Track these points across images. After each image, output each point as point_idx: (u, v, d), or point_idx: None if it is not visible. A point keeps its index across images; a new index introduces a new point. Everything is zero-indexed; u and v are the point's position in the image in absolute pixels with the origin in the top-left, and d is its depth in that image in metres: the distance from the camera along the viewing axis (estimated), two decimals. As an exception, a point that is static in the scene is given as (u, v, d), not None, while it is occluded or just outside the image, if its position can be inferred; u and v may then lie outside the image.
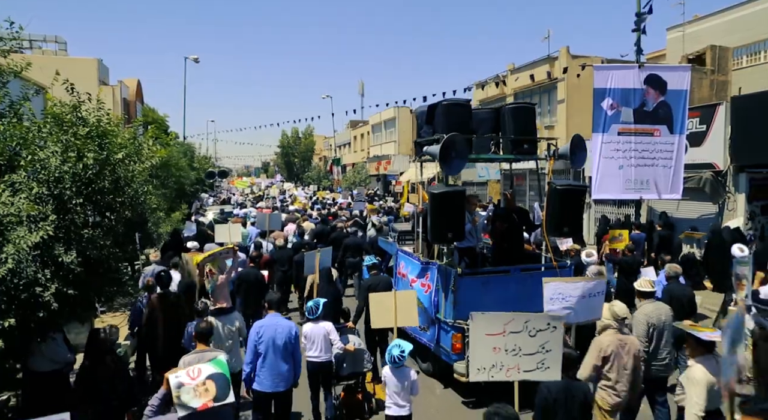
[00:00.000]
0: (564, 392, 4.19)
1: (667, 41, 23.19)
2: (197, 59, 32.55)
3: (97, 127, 6.10)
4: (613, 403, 5.03)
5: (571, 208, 7.37)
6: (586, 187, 8.37)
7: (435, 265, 7.31)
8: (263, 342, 5.57)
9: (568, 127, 20.00)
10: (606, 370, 5.00)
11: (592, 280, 6.01)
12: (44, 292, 4.77)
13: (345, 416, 6.48)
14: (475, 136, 7.73)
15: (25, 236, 4.59)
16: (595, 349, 5.06)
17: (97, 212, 6.10)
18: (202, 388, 3.68)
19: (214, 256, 7.57)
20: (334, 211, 20.70)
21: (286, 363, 5.63)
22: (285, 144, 61.22)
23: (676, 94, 12.54)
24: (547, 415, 4.15)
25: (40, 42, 29.38)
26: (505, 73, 24.05)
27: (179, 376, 3.71)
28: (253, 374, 5.60)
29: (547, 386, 4.26)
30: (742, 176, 13.32)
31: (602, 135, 12.86)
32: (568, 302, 5.77)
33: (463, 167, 7.19)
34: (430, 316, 7.22)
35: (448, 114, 7.48)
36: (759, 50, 19.46)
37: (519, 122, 7.86)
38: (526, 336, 4.41)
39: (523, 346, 4.41)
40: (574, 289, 5.78)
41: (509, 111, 7.92)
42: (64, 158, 5.51)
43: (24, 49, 23.56)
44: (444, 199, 6.63)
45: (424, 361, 7.85)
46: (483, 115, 8.29)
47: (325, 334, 6.09)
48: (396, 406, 5.12)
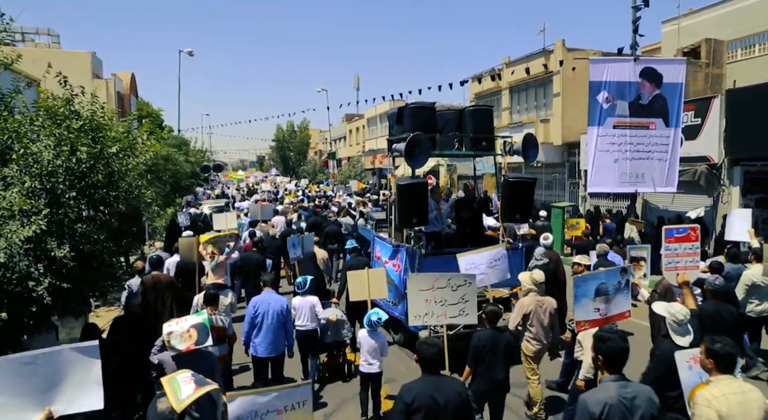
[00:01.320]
0: (491, 340, 5.27)
1: (663, 34, 23.18)
2: (191, 52, 32.34)
3: (90, 120, 6.04)
4: (534, 350, 6.14)
5: (521, 198, 8.54)
6: (534, 180, 9.54)
7: (404, 247, 8.24)
8: (259, 314, 6.33)
9: (564, 121, 20.00)
10: (528, 324, 6.10)
11: (494, 250, 7.22)
12: (37, 287, 4.74)
13: (328, 378, 7.55)
14: (439, 135, 8.73)
15: (18, 230, 4.55)
16: (518, 308, 6.21)
17: (90, 206, 6.04)
18: (187, 335, 4.54)
19: (217, 238, 8.70)
20: (324, 203, 21.93)
21: (279, 332, 6.39)
22: (280, 138, 61.03)
23: (671, 87, 12.55)
24: (479, 356, 5.25)
25: (33, 34, 29.08)
26: (501, 67, 24.00)
27: (170, 326, 4.61)
28: (250, 342, 6.38)
29: (479, 336, 5.34)
30: (736, 169, 13.37)
31: (598, 128, 12.87)
32: (479, 269, 6.90)
33: (426, 161, 8.35)
34: (400, 292, 7.92)
35: (414, 115, 8.53)
36: (753, 43, 19.47)
37: (478, 122, 8.89)
38: (449, 290, 5.54)
39: (448, 298, 5.55)
40: (481, 258, 7.02)
41: (469, 112, 8.99)
42: (57, 152, 5.46)
43: (16, 41, 23.34)
44: (408, 189, 7.62)
45: (396, 332, 8.78)
46: (448, 116, 9.18)
47: (311, 306, 7.06)
48: (368, 364, 6.07)
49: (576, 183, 19.88)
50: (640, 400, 3.38)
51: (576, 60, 18.48)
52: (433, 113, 8.83)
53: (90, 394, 3.49)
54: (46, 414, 3.33)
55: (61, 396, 3.42)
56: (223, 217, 13.21)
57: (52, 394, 3.39)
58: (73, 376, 3.45)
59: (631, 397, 3.38)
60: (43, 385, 3.35)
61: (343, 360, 7.73)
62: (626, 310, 5.51)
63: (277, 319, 6.33)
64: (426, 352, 3.85)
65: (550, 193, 21.88)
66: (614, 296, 5.31)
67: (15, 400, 3.27)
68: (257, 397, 3.64)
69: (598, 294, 5.22)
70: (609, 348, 3.49)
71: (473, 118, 8.90)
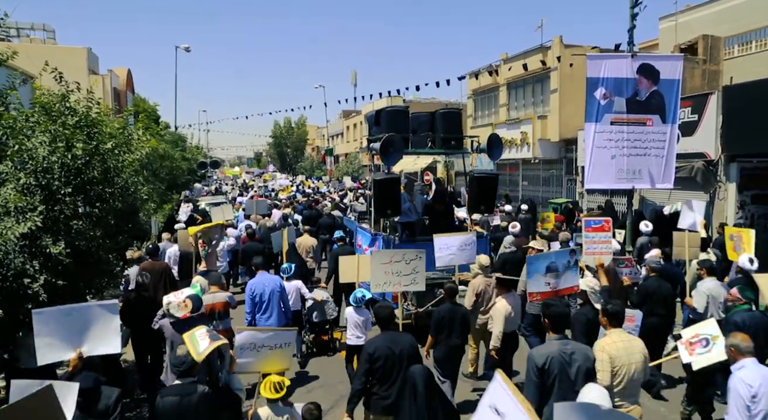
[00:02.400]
0: (449, 313, 6.35)
1: (660, 31, 23.18)
2: (188, 48, 32.22)
3: (86, 116, 6.01)
4: (481, 323, 7.21)
5: (486, 191, 9.76)
6: (497, 175, 10.91)
7: (381, 235, 9.49)
8: (257, 294, 7.27)
9: (561, 117, 20.00)
10: (479, 301, 7.23)
11: (465, 235, 8.32)
12: (33, 284, 4.73)
13: (315, 353, 8.62)
14: (414, 135, 9.95)
15: (13, 227, 4.54)
16: (471, 288, 7.31)
17: (86, 203, 6.02)
18: (183, 304, 5.33)
19: (206, 230, 9.62)
20: (316, 198, 23.29)
21: (275, 308, 7.31)
22: (277, 134, 60.89)
23: (668, 84, 12.52)
24: (439, 327, 6.29)
25: (28, 30, 28.94)
26: (499, 63, 23.97)
27: (169, 297, 5.43)
28: (253, 321, 7.22)
29: (439, 310, 6.49)
30: (733, 166, 13.40)
31: (595, 125, 12.83)
32: (450, 250, 8.07)
33: (399, 159, 9.39)
34: None
35: (389, 118, 9.65)
36: (750, 40, 19.49)
37: (448, 124, 10.00)
38: (403, 264, 6.68)
39: (402, 270, 6.66)
40: (453, 241, 8.14)
41: (440, 115, 10.12)
42: (52, 148, 5.44)
43: (11, 37, 23.23)
44: (383, 184, 8.80)
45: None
46: (422, 117, 10.47)
47: (296, 289, 8.06)
48: (356, 338, 6.76)
49: (573, 179, 19.90)
50: (577, 355, 4.22)
51: (573, 56, 18.48)
52: (406, 116, 9.96)
53: (110, 340, 4.44)
54: (77, 353, 4.27)
55: (88, 341, 4.35)
56: (220, 210, 13.59)
57: (82, 338, 4.32)
58: (97, 326, 4.38)
59: (570, 352, 4.21)
60: (76, 331, 4.28)
61: (330, 337, 8.72)
62: (574, 285, 6.41)
63: (275, 295, 7.31)
64: (382, 312, 5.04)
65: (548, 190, 21.90)
66: (563, 273, 6.36)
67: (57, 341, 4.21)
68: (257, 333, 4.91)
69: (548, 270, 6.24)
70: (553, 312, 4.42)
71: (444, 120, 10.02)
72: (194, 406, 3.85)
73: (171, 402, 3.85)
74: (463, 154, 10.86)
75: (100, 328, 4.38)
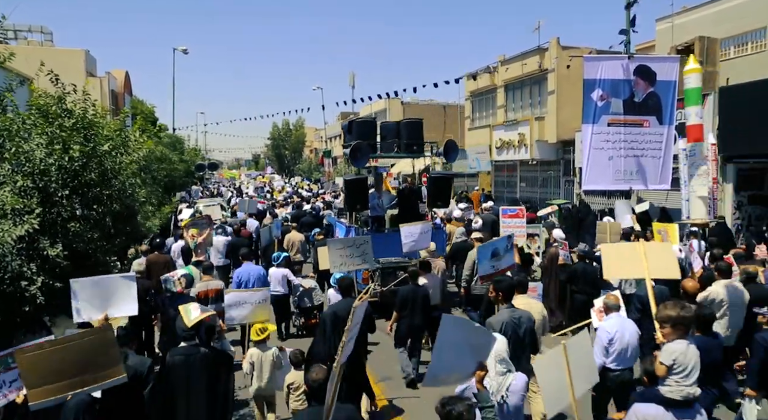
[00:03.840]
0: (412, 293, 7.42)
1: (656, 32, 23.24)
2: (186, 50, 32.18)
3: (82, 118, 6.01)
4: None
5: (442, 189, 11.70)
6: (452, 175, 13.52)
7: (353, 227, 11.41)
8: (242, 282, 8.45)
9: (559, 118, 20.02)
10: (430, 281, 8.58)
11: (424, 223, 9.81)
12: (30, 286, 4.72)
13: (305, 335, 9.33)
14: (383, 141, 11.91)
15: (10, 229, 4.53)
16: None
17: (84, 205, 6.02)
18: (178, 281, 6.87)
19: (194, 222, 11.09)
20: (308, 197, 26.03)
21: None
22: (276, 136, 60.85)
23: (665, 85, 12.56)
24: (403, 304, 7.25)
25: (25, 32, 28.90)
26: (496, 64, 24.01)
27: (166, 276, 6.96)
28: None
29: (402, 289, 7.61)
30: (729, 166, 13.44)
31: (592, 126, 12.86)
32: (413, 237, 9.46)
33: (366, 162, 11.61)
34: None
35: (358, 128, 11.77)
36: (746, 41, 19.56)
37: (411, 132, 11.85)
38: (354, 248, 8.20)
39: (354, 253, 8.13)
40: (414, 229, 9.53)
41: (404, 124, 12.07)
42: (49, 150, 5.44)
43: (8, 39, 23.18)
44: (352, 183, 10.90)
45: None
46: (390, 126, 12.28)
47: (283, 276, 9.05)
48: None
49: (571, 180, 19.93)
50: (524, 319, 5.19)
51: (571, 58, 18.51)
52: (374, 126, 12.12)
53: (129, 304, 5.32)
54: (104, 315, 5.07)
55: (112, 305, 5.20)
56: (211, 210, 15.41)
57: (108, 303, 5.15)
58: (119, 293, 5.23)
59: (518, 317, 5.16)
60: (103, 296, 5.12)
61: (317, 321, 9.13)
62: (511, 264, 7.69)
63: (258, 283, 8.42)
64: (343, 283, 6.62)
65: (545, 191, 21.92)
66: (503, 256, 7.62)
67: (88, 305, 5.05)
68: (241, 293, 6.80)
69: (493, 255, 7.46)
70: (504, 286, 5.36)
71: (407, 129, 11.91)
72: (198, 362, 4.72)
73: (179, 359, 4.69)
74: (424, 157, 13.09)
75: (121, 295, 5.26)
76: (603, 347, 5.44)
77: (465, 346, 3.38)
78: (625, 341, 5.43)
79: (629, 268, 6.68)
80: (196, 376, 4.69)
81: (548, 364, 3.93)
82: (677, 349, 4.06)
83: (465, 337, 3.39)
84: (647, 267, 6.27)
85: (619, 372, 5.43)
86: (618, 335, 5.42)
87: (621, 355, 5.43)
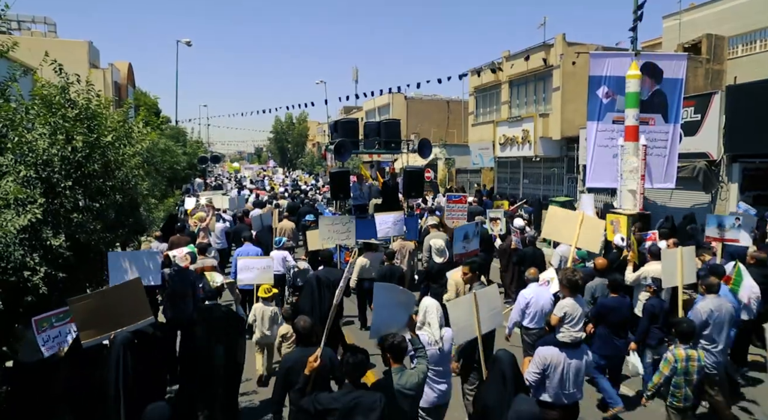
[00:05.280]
0: (389, 271, 8.51)
1: (663, 29, 23.11)
2: (189, 43, 32.06)
3: (86, 108, 5.97)
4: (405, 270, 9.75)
5: (415, 181, 13.85)
6: (423, 169, 15.47)
7: (338, 214, 13.45)
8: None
9: (563, 115, 19.92)
10: (403, 262, 10.23)
11: (398, 213, 11.49)
12: (33, 276, 4.69)
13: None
14: (366, 139, 14.24)
15: (13, 219, 4.50)
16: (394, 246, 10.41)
17: (87, 196, 5.98)
18: (184, 257, 8.22)
19: (197, 208, 13.14)
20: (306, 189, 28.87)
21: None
22: (278, 130, 60.79)
23: (671, 83, 12.47)
24: (382, 280, 7.44)
25: (29, 23, 28.85)
26: (501, 60, 23.89)
27: (173, 252, 8.38)
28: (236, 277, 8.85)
29: (381, 268, 8.86)
30: (735, 166, 13.36)
31: (597, 123, 12.81)
32: (387, 224, 11.07)
33: (349, 158, 13.95)
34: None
35: (343, 127, 13.85)
36: (754, 39, 19.43)
37: (389, 130, 14.05)
38: (341, 225, 9.97)
39: (340, 229, 9.91)
40: (388, 217, 11.17)
41: (384, 125, 14.26)
42: (52, 141, 5.39)
43: (12, 30, 23.12)
44: (335, 175, 13.13)
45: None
46: (372, 125, 14.62)
47: (283, 257, 9.92)
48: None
49: (575, 178, 19.85)
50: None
51: (576, 54, 18.40)
52: (356, 125, 14.32)
53: (154, 276, 6.40)
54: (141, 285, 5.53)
55: (146, 275, 6.05)
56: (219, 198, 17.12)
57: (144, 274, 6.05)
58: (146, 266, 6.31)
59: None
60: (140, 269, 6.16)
61: None
62: (476, 248, 9.27)
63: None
64: (324, 254, 8.30)
65: (549, 188, 21.86)
66: (472, 239, 9.14)
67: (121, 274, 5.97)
68: (248, 260, 8.47)
69: (465, 238, 8.94)
70: (474, 267, 6.34)
71: (386, 128, 14.07)
72: (219, 318, 5.90)
73: (205, 315, 5.94)
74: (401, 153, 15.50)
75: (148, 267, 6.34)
76: (520, 309, 6.79)
77: (395, 305, 4.30)
78: (539, 305, 6.69)
79: (563, 233, 8.29)
80: (218, 327, 5.81)
81: (460, 304, 4.92)
82: (567, 303, 5.47)
83: (394, 298, 4.32)
84: (577, 235, 7.90)
85: (536, 330, 6.64)
86: (533, 300, 6.73)
87: (536, 317, 6.70)
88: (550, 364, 4.72)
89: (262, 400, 6.91)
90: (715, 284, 6.20)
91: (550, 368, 4.72)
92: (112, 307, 4.69)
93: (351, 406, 3.69)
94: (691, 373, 5.13)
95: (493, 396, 4.18)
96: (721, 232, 8.81)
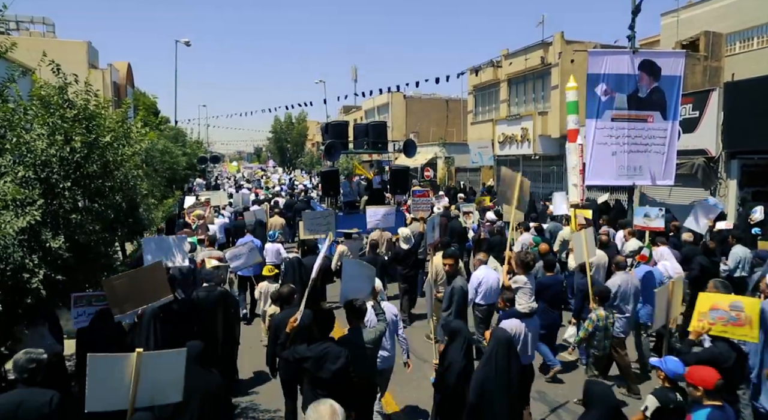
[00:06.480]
0: (372, 260, 8.81)
1: (661, 27, 23.08)
2: (188, 43, 32.03)
3: (84, 109, 5.97)
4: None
5: (400, 179, 14.98)
6: (407, 168, 16.45)
7: (329, 209, 13.80)
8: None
9: (562, 113, 19.89)
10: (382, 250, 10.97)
11: (388, 207, 12.32)
12: (32, 278, 4.69)
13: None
14: (355, 140, 15.35)
15: (11, 221, 4.50)
16: (371, 237, 11.07)
17: (86, 197, 5.98)
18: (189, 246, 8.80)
19: (196, 205, 13.75)
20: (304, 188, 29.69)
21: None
22: (278, 129, 60.74)
23: (669, 80, 12.46)
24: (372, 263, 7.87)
25: (27, 23, 28.79)
26: (499, 59, 23.88)
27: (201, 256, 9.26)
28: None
29: (365, 257, 9.34)
30: (734, 162, 13.37)
31: (596, 121, 12.79)
32: (377, 217, 11.69)
33: (339, 157, 15.70)
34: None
35: (333, 129, 15.11)
36: (752, 36, 19.42)
37: (376, 132, 15.17)
38: (322, 218, 11.18)
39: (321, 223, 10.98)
40: (379, 210, 11.88)
41: (371, 126, 15.47)
42: (50, 141, 5.40)
43: (11, 30, 23.08)
44: (326, 174, 14.69)
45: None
46: (361, 127, 15.79)
47: (277, 249, 10.70)
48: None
49: (573, 176, 19.82)
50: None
51: (575, 52, 18.39)
52: (346, 127, 15.63)
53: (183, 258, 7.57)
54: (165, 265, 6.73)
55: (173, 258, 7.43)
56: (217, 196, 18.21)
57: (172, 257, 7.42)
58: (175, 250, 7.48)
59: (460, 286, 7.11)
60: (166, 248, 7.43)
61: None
62: (438, 237, 9.51)
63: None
64: (309, 243, 9.97)
65: (548, 186, 21.85)
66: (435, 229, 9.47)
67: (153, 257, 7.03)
68: (234, 249, 9.20)
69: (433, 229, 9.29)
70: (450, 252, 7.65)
71: (374, 130, 15.22)
72: (216, 299, 6.61)
73: (203, 295, 6.58)
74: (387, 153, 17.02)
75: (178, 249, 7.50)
76: (473, 288, 7.57)
77: (361, 277, 5.34)
78: (489, 284, 7.59)
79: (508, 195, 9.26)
80: (214, 306, 6.55)
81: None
82: (521, 279, 6.97)
83: (360, 272, 5.37)
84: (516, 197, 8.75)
85: (486, 306, 7.61)
86: (484, 280, 7.63)
87: (486, 294, 7.58)
88: (514, 333, 5.55)
89: (262, 400, 6.93)
90: (621, 262, 7.57)
91: (516, 336, 5.56)
92: (138, 286, 5.55)
93: (321, 355, 4.51)
94: (609, 329, 6.56)
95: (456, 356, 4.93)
96: (647, 221, 10.61)
